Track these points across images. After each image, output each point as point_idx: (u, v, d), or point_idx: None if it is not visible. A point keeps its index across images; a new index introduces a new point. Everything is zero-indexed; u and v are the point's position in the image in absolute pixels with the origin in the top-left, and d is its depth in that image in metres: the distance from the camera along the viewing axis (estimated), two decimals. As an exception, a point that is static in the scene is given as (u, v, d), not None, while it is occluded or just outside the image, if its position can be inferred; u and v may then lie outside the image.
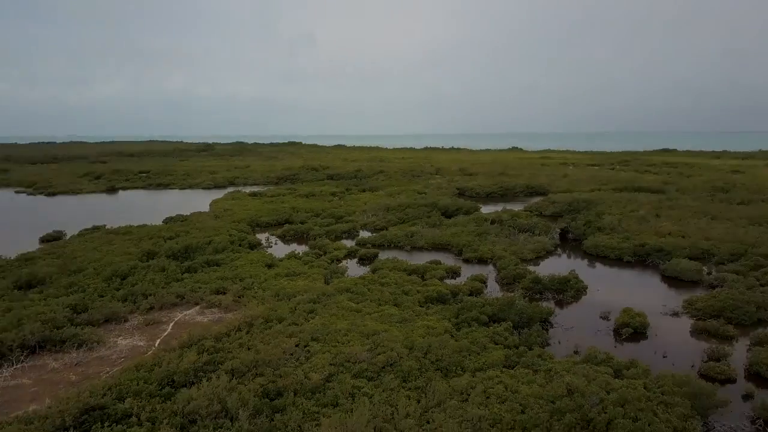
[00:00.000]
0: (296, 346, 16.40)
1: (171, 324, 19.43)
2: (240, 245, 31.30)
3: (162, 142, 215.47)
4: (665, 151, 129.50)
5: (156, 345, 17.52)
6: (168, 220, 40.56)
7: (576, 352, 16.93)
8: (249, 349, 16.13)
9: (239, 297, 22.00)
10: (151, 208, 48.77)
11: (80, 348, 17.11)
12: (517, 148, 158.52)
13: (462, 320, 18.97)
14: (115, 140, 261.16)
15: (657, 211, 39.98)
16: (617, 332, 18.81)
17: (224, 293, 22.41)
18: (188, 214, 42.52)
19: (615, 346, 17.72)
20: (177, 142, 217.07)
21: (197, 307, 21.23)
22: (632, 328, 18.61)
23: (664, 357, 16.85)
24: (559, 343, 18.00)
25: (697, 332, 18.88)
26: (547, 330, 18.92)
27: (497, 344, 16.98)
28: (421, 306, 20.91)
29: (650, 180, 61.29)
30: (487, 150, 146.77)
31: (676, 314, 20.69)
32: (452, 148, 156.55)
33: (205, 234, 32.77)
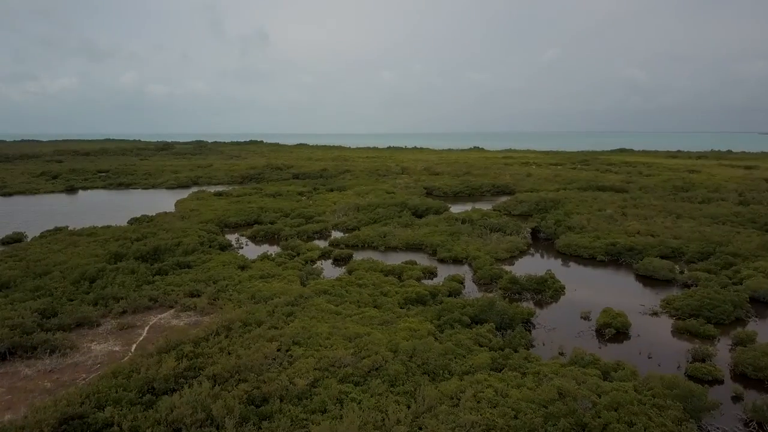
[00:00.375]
0: (278, 350, 15.99)
1: (146, 328, 18.79)
2: (210, 246, 30.68)
3: (118, 140, 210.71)
4: (622, 150, 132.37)
5: (132, 350, 16.89)
6: (133, 221, 39.51)
7: (561, 354, 16.91)
8: (230, 354, 15.66)
9: (214, 300, 21.46)
10: (114, 209, 47.49)
11: (53, 354, 16.38)
12: (478, 147, 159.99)
13: (444, 322, 18.79)
14: (68, 138, 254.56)
15: (623, 210, 40.73)
16: (600, 332, 18.86)
17: (199, 296, 21.83)
18: (154, 214, 41.53)
19: (599, 347, 17.74)
20: (134, 140, 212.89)
21: (172, 311, 20.60)
22: (614, 329, 18.67)
23: (649, 358, 16.91)
24: (544, 344, 17.93)
25: (678, 332, 19.04)
26: (530, 331, 18.88)
27: (482, 346, 16.84)
28: (401, 307, 20.68)
29: (612, 179, 62.46)
30: (450, 150, 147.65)
31: (655, 314, 20.88)
32: (416, 148, 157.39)
33: (173, 235, 31.96)
